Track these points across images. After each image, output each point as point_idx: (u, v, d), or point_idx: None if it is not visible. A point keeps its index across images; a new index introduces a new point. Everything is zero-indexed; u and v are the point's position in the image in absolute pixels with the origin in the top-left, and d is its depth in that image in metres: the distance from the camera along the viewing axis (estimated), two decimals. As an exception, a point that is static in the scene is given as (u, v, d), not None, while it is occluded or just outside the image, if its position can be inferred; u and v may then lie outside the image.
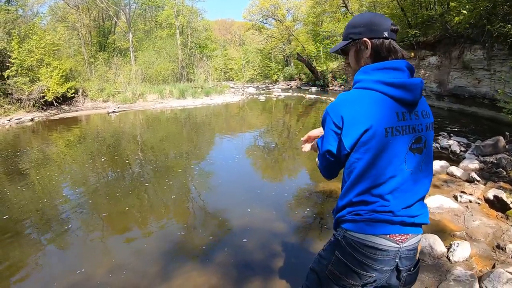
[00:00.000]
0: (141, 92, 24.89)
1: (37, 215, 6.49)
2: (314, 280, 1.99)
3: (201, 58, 37.30)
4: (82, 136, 15.27)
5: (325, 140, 1.75)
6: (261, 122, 17.14)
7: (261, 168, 9.33)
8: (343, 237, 1.81)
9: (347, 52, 1.89)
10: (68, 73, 22.81)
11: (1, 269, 4.61)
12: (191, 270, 4.26)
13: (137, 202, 7.09)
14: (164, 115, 20.77)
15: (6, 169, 9.95)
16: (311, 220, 5.59)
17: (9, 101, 20.34)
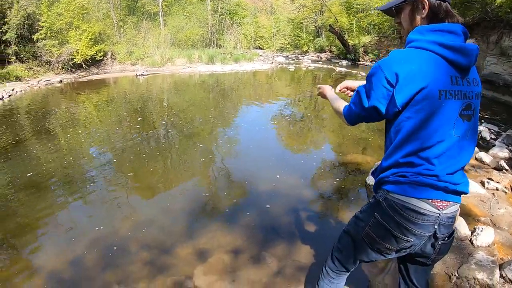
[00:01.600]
0: (169, 56, 24.64)
1: (63, 173, 6.49)
2: (348, 243, 2.03)
3: (231, 25, 36.59)
4: (110, 98, 15.17)
5: (373, 95, 1.71)
6: (289, 91, 16.61)
7: (288, 136, 9.05)
8: (384, 198, 1.78)
9: (400, 11, 1.82)
10: (97, 36, 22.74)
11: (27, 223, 4.72)
12: (216, 230, 4.27)
13: (163, 163, 7.00)
14: (192, 80, 20.47)
15: (35, 128, 9.94)
16: (338, 191, 5.45)
17: (38, 63, 20.46)
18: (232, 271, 3.54)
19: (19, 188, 5.88)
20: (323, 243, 3.89)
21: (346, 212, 4.66)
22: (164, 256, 3.84)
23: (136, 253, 3.93)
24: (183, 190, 5.69)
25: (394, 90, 1.62)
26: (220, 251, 3.85)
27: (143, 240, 4.16)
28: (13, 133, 9.46)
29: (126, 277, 3.56)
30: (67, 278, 3.63)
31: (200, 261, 3.71)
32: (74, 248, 4.08)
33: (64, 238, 4.30)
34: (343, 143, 7.83)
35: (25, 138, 8.93)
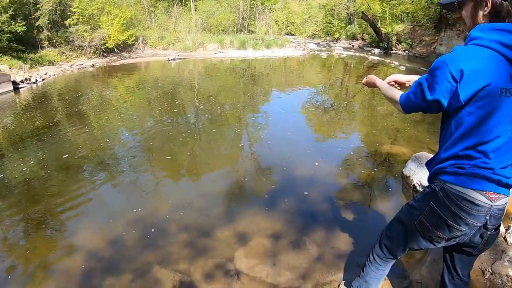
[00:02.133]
0: (201, 41, 24.39)
1: (98, 155, 6.54)
2: (400, 231, 2.10)
3: (263, 10, 36.00)
4: (141, 82, 15.04)
5: (437, 89, 1.74)
6: (322, 78, 16.14)
7: (323, 124, 8.76)
8: (441, 188, 1.84)
9: (462, 6, 1.84)
10: (128, 21, 22.78)
11: (65, 203, 4.84)
12: (255, 214, 4.28)
13: (199, 147, 6.92)
14: (224, 65, 20.16)
15: (69, 111, 9.94)
16: (374, 180, 5.35)
17: (70, 48, 20.66)
18: (272, 255, 3.53)
19: (56, 169, 5.96)
20: (360, 231, 3.88)
21: (383, 202, 4.66)
22: (204, 238, 3.85)
23: (176, 234, 3.95)
24: (220, 174, 5.66)
25: (458, 85, 1.66)
26: (260, 235, 3.85)
27: (182, 222, 4.17)
28: (48, 115, 9.44)
29: (166, 258, 3.57)
30: (106, 257, 3.67)
31: (241, 244, 3.71)
32: (113, 228, 4.12)
33: (103, 219, 4.35)
34: (377, 132, 7.63)
35: (59, 121, 8.91)
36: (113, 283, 3.32)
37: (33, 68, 16.61)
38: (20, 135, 7.96)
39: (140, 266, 3.48)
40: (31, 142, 7.43)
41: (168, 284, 3.25)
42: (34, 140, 7.52)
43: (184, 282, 3.28)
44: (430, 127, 7.68)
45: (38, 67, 17.02)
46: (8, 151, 7.15)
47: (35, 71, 16.31)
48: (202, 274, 3.34)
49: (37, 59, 17.93)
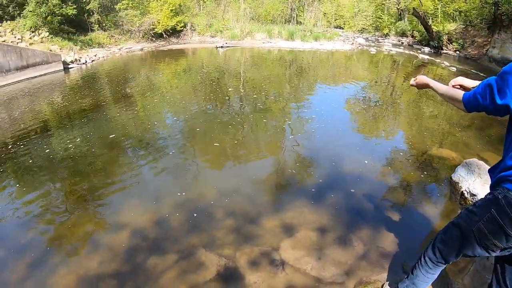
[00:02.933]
0: (249, 30, 24.15)
1: (144, 137, 6.60)
2: (455, 235, 2.07)
3: (312, 2, 35.34)
4: (188, 67, 14.92)
5: (508, 94, 1.72)
6: (368, 75, 15.17)
7: (372, 121, 8.37)
8: (504, 196, 1.79)
9: None
10: (177, 8, 22.86)
11: (112, 182, 4.94)
12: (302, 207, 4.23)
13: (246, 135, 6.84)
14: (271, 55, 19.75)
15: (115, 92, 9.94)
16: (423, 183, 5.11)
17: (119, 31, 20.94)
18: (318, 248, 3.49)
19: (103, 148, 6.01)
20: (406, 233, 3.76)
21: (429, 206, 4.46)
22: (250, 226, 3.85)
23: (221, 220, 3.95)
24: (267, 163, 5.62)
25: None
26: (307, 227, 3.82)
27: (228, 208, 4.17)
28: (95, 95, 9.45)
29: (211, 242, 3.57)
30: (151, 236, 3.70)
31: (287, 235, 3.68)
32: (158, 209, 4.16)
33: (148, 199, 4.40)
34: (425, 134, 7.22)
35: (106, 101, 8.89)
36: (157, 263, 3.33)
37: (83, 50, 16.87)
38: (68, 113, 7.97)
39: (185, 248, 3.49)
40: (79, 120, 7.42)
41: (213, 268, 3.25)
42: (81, 118, 7.52)
43: (228, 267, 3.26)
44: (479, 133, 7.14)
45: (87, 49, 17.26)
46: (56, 128, 7.17)
47: (85, 52, 16.54)
48: (247, 261, 3.33)
49: (87, 41, 18.22)
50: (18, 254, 3.51)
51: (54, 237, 3.79)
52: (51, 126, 7.23)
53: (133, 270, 3.27)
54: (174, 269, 3.26)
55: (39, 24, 16.49)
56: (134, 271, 3.26)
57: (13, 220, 4.13)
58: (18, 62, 12.39)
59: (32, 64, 12.82)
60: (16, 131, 6.96)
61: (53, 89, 10.50)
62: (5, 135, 6.72)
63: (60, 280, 3.22)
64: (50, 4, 16.34)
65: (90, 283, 3.17)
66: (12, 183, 5.00)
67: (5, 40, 15.27)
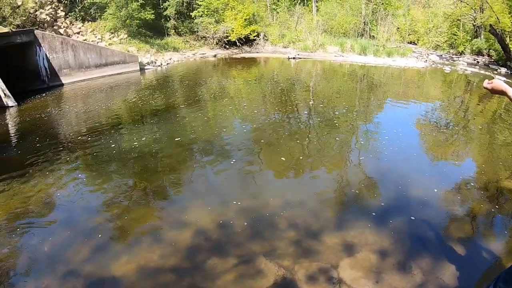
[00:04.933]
0: (321, 42, 23.87)
1: (209, 141, 6.56)
2: None
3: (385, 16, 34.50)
4: (259, 76, 14.94)
5: None
6: (440, 94, 14.24)
7: (438, 143, 7.85)
8: None
9: None
10: (251, 17, 23.21)
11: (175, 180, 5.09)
12: (365, 227, 4.15)
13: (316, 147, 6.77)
14: (342, 69, 19.28)
15: (186, 95, 10.13)
16: (491, 217, 4.78)
17: (194, 38, 21.61)
18: (377, 271, 3.40)
19: (171, 148, 6.13)
20: (467, 267, 3.57)
21: (496, 242, 4.17)
22: (311, 240, 3.82)
23: (284, 230, 3.95)
24: (332, 179, 5.56)
25: None
26: (367, 249, 3.73)
27: (291, 220, 4.17)
28: (167, 97, 9.70)
29: (271, 251, 3.57)
30: (214, 238, 3.77)
31: (347, 254, 3.63)
32: (223, 213, 4.22)
33: (214, 202, 4.47)
34: (497, 163, 6.65)
35: (177, 103, 9.09)
36: (217, 263, 3.38)
37: (159, 53, 17.51)
38: (140, 111, 8.25)
39: (245, 253, 3.51)
40: (150, 119, 7.64)
41: (271, 277, 3.25)
42: (153, 117, 7.74)
43: (286, 279, 3.25)
44: None
45: (163, 52, 17.89)
46: (128, 124, 7.40)
47: (160, 55, 17.17)
48: (304, 275, 3.30)
49: (163, 44, 18.92)
50: (84, 238, 3.71)
51: (119, 226, 3.96)
52: (123, 122, 7.49)
53: (192, 268, 3.34)
54: (232, 273, 3.30)
55: (119, 26, 17.43)
56: (193, 268, 3.33)
57: (82, 205, 4.36)
58: (97, 60, 13.19)
59: (111, 63, 13.57)
60: (91, 123, 7.31)
61: (128, 88, 10.99)
62: (81, 126, 7.12)
63: (120, 267, 3.37)
64: (129, 8, 17.23)
65: (148, 274, 3.29)
66: (83, 171, 5.29)
67: (86, 39, 16.13)
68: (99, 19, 17.89)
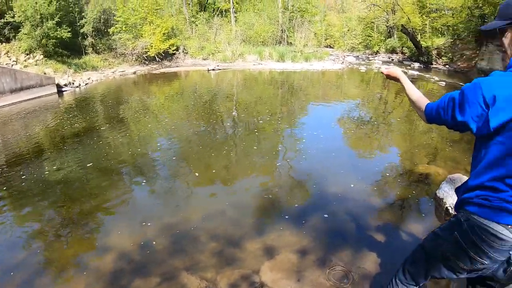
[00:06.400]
0: (240, 52, 24.58)
1: (134, 161, 6.71)
2: (422, 257, 2.09)
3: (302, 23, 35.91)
4: (180, 90, 15.17)
5: (467, 111, 1.68)
6: (358, 93, 15.60)
7: (359, 140, 8.49)
8: (466, 219, 1.82)
9: (503, 32, 1.76)
10: (169, 31, 23.33)
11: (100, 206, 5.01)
12: (284, 229, 4.30)
13: (232, 158, 6.94)
14: (262, 76, 20.13)
15: (108, 116, 10.09)
16: (407, 202, 5.20)
17: (113, 55, 21.37)
18: (298, 270, 3.53)
19: (94, 171, 6.12)
20: (389, 253, 3.80)
21: (414, 224, 4.53)
22: (233, 249, 3.90)
23: (206, 242, 4.02)
24: (251, 186, 5.67)
25: (489, 111, 1.60)
26: (288, 250, 3.86)
27: (213, 231, 4.25)
28: (89, 119, 9.60)
29: (194, 265, 3.62)
30: (136, 259, 3.77)
31: (268, 257, 3.73)
32: (145, 232, 4.25)
33: (135, 222, 4.47)
34: (415, 150, 7.38)
35: (99, 125, 9.04)
36: (140, 285, 3.39)
37: (77, 73, 17.14)
38: (61, 137, 8.10)
39: (168, 271, 3.55)
40: (72, 144, 7.56)
41: None
42: (74, 142, 7.65)
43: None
44: (469, 146, 7.21)
45: (81, 72, 17.53)
46: (49, 151, 7.28)
47: (79, 75, 16.81)
48: (227, 284, 3.37)
49: (81, 64, 18.53)
50: (8, 275, 3.60)
51: (44, 259, 3.89)
52: (43, 150, 7.34)
53: (116, 293, 3.40)
54: (155, 292, 3.40)
55: (34, 46, 16.85)
56: (117, 294, 3.39)
57: (4, 241, 4.24)
58: (13, 85, 12.56)
59: (26, 87, 12.98)
60: (9, 153, 7.09)
61: (46, 113, 10.66)
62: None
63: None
64: (45, 27, 16.73)
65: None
66: (4, 206, 5.12)
67: (0, 62, 15.50)
68: (13, 39, 17.22)
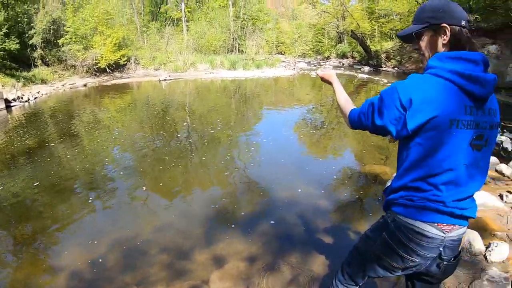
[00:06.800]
0: (192, 61, 24.83)
1: (85, 176, 6.66)
2: (357, 258, 2.09)
3: (253, 31, 36.57)
4: (133, 102, 15.29)
5: (385, 115, 1.69)
6: (311, 98, 16.45)
7: (309, 143, 8.86)
8: (392, 220, 1.83)
9: (420, 36, 1.78)
10: (121, 41, 23.23)
11: (50, 224, 4.89)
12: (233, 237, 4.34)
13: (185, 167, 7.02)
14: (214, 85, 20.52)
15: (59, 131, 10.02)
16: (356, 202, 5.43)
17: (63, 67, 21.06)
18: (246, 278, 3.57)
19: (43, 190, 6.01)
20: (338, 253, 3.82)
21: (363, 224, 4.63)
22: (182, 261, 3.91)
23: (155, 255, 4.01)
24: (202, 195, 5.78)
25: (406, 114, 1.62)
26: (236, 257, 3.91)
27: (163, 244, 4.25)
28: (38, 135, 9.55)
29: (144, 279, 3.62)
30: (88, 277, 3.73)
31: (217, 267, 3.76)
32: (96, 250, 4.17)
33: (87, 240, 4.39)
34: (364, 151, 7.75)
35: (49, 140, 8.99)
36: None
37: (26, 86, 16.85)
38: (11, 154, 8.02)
39: (118, 287, 3.55)
40: (22, 161, 7.50)
41: None
42: (24, 159, 7.59)
43: None
44: None
45: (30, 86, 17.27)
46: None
47: (28, 89, 16.53)
48: None
49: (30, 77, 18.21)
50: None
51: None
52: None
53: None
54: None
55: (-19, 59, 16.33)
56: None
57: None
58: None
59: None
60: None
61: None
62: None
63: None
64: (-8, 38, 16.24)
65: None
66: None
67: None
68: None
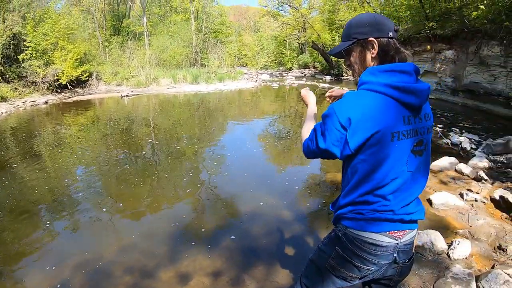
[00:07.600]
0: (154, 76, 24.98)
1: (47, 198, 6.53)
2: (314, 271, 2.05)
3: (215, 44, 37.08)
4: (95, 119, 15.37)
5: (327, 137, 1.69)
6: (274, 109, 17.06)
7: (272, 155, 9.23)
8: (343, 233, 1.84)
9: (349, 53, 1.83)
10: (82, 57, 23.01)
11: (12, 249, 4.78)
12: (198, 253, 4.41)
13: (147, 185, 7.07)
14: (177, 100, 20.76)
15: (20, 151, 10.01)
16: (319, 212, 5.59)
17: (23, 84, 20.58)
18: None
19: (4, 213, 5.90)
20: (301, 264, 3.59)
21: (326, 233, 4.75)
22: (147, 280, 3.94)
23: (120, 277, 4.02)
24: (164, 213, 5.83)
25: (347, 134, 1.62)
26: (201, 274, 3.98)
27: (127, 264, 4.26)
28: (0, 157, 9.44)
29: None
30: None
31: (181, 284, 3.83)
32: (59, 274, 4.14)
33: (49, 264, 4.34)
34: (326, 162, 7.80)
35: (10, 161, 8.94)
36: None
37: (-16, 105, 16.50)
38: None
39: None
40: None
41: None
42: None
43: None
44: None
45: (-11, 104, 16.90)
46: None
47: (-14, 107, 16.22)
48: None
49: (-11, 94, 17.76)
50: None
51: None
52: None
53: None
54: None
55: None
56: None
57: None
58: None
59: None
60: None
61: None
62: None
63: None
64: None
65: None
66: None
67: None
68: None
